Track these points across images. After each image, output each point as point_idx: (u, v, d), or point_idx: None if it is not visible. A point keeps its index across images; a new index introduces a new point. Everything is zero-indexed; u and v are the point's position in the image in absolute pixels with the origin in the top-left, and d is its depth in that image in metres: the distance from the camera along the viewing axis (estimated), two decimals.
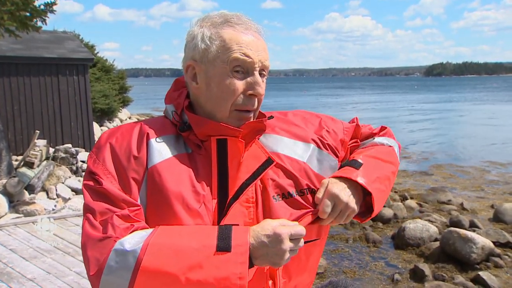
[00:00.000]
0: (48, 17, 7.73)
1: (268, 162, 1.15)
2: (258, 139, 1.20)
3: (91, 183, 1.09)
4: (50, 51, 11.17)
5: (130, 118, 21.30)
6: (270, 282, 1.15)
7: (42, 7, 7.56)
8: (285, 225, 1.05)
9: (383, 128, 1.46)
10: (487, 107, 37.41)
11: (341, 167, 1.26)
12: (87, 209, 1.07)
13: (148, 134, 1.14)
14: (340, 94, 67.30)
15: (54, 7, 7.59)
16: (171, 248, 0.99)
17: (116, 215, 1.04)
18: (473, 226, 7.41)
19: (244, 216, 1.11)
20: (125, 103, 20.33)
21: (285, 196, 1.16)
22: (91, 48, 17.80)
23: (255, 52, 1.12)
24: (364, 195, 1.22)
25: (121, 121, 19.05)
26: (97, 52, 19.11)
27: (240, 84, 1.12)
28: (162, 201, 1.08)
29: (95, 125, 13.17)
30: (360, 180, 1.18)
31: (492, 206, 8.89)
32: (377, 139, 1.38)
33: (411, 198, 9.45)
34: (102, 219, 1.04)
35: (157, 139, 1.14)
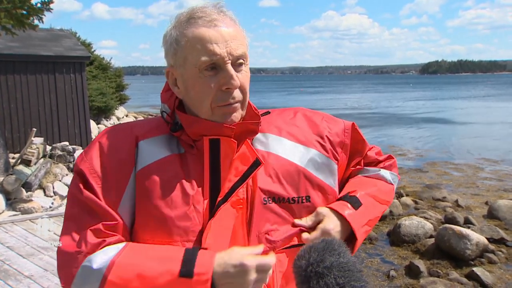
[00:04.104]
0: (44, 15, 7.73)
1: (256, 163, 1.13)
2: (252, 140, 1.18)
3: (75, 190, 1.10)
4: (47, 49, 11.14)
5: (127, 116, 21.25)
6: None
7: (39, 5, 7.56)
8: (253, 255, 1.02)
9: (389, 157, 1.44)
10: (481, 104, 37.48)
11: (340, 199, 1.24)
12: (66, 218, 1.09)
13: (137, 136, 1.14)
14: (336, 92, 67.29)
15: (51, 5, 7.60)
16: (136, 269, 0.99)
17: (90, 229, 1.05)
18: (467, 222, 7.46)
19: (234, 217, 1.10)
20: (122, 101, 20.31)
21: (275, 200, 1.14)
22: (88, 46, 17.76)
23: (222, 45, 1.07)
24: (349, 231, 1.21)
25: (118, 119, 19.02)
26: (94, 50, 19.07)
27: (213, 82, 1.09)
28: (150, 204, 1.08)
29: (92, 123, 13.15)
30: (353, 224, 1.18)
31: (486, 203, 8.93)
32: (383, 172, 1.37)
33: (407, 195, 9.48)
34: (77, 232, 1.06)
35: (148, 141, 1.13)
